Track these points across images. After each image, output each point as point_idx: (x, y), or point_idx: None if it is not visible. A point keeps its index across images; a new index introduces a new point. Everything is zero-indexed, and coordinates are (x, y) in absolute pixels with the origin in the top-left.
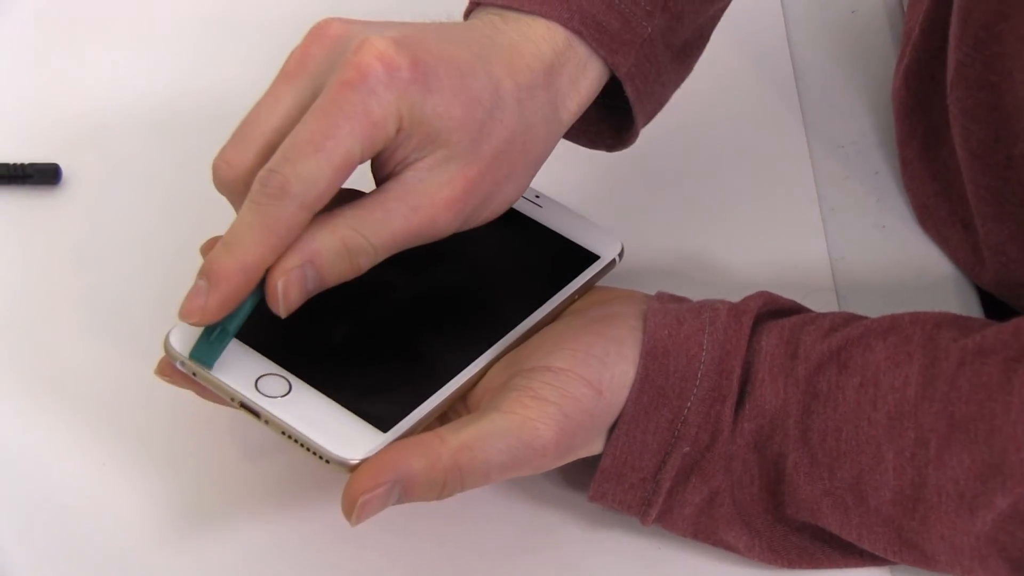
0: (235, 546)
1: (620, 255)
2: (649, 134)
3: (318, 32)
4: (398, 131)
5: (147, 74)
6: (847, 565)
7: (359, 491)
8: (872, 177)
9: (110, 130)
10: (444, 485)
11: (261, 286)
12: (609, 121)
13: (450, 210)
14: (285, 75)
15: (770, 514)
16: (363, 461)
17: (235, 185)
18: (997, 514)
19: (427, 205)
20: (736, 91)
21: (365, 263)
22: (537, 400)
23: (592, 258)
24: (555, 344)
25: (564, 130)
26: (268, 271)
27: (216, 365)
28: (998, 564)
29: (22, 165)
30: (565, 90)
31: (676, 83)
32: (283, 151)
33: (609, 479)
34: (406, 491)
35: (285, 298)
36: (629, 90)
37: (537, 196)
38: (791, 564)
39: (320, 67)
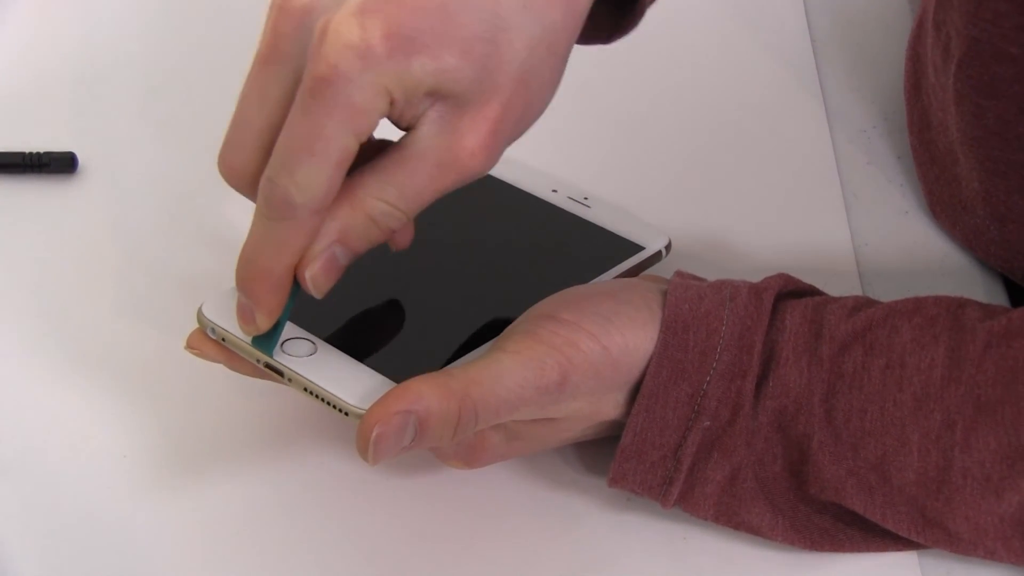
0: (247, 505)
1: (667, 248)
2: (670, 117)
3: (284, 7)
4: (391, 103)
5: (163, 60)
6: (869, 549)
7: (372, 422)
8: (895, 162)
9: (126, 117)
10: (459, 419)
11: None
12: (605, 6)
13: (479, 155)
14: (262, 61)
15: (793, 493)
16: None
17: (243, 188)
18: (1023, 496)
19: (451, 159)
20: (756, 75)
21: (396, 225)
22: (541, 343)
23: (637, 248)
24: (565, 299)
25: (589, 4)
26: (298, 263)
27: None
28: (1022, 545)
29: (38, 154)
30: None
31: None
32: (277, 157)
33: (630, 457)
34: (422, 425)
35: (315, 285)
36: None
37: (586, 198)
38: (814, 545)
39: (294, 47)
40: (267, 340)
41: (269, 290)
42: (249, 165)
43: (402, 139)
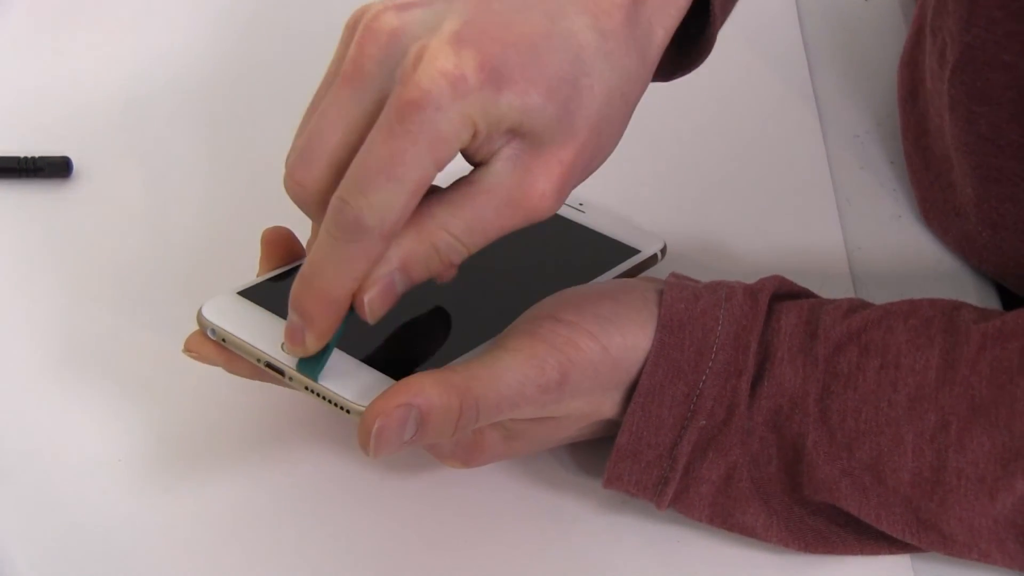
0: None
1: (663, 252)
2: (664, 122)
3: (372, 28)
4: (473, 136)
5: (155, 64)
6: (863, 551)
7: (374, 416)
8: (887, 167)
9: (120, 121)
10: (460, 414)
11: None
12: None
13: (549, 198)
14: (345, 80)
15: (787, 495)
16: None
17: (310, 206)
18: (1017, 498)
19: (521, 198)
20: (750, 81)
21: (457, 259)
22: (541, 342)
23: (632, 252)
24: (565, 300)
25: (660, 54)
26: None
27: (242, 331)
28: (1015, 547)
29: (33, 158)
30: (659, 10)
31: None
32: (354, 179)
33: (625, 457)
34: (423, 420)
35: (372, 309)
36: (716, 3)
37: (581, 204)
38: (807, 547)
39: (380, 70)
40: (314, 364)
41: (325, 312)
42: (319, 183)
43: (473, 173)
